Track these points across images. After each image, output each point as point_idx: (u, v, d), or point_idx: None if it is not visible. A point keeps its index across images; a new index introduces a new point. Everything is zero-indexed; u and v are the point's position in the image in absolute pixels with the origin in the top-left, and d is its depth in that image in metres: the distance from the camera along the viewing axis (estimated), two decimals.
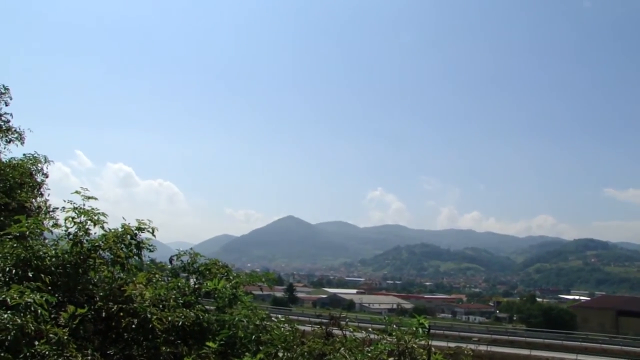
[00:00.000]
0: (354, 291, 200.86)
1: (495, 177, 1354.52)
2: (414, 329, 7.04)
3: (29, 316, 5.83)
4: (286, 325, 8.40)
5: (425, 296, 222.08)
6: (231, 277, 9.15)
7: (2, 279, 6.88)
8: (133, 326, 6.99)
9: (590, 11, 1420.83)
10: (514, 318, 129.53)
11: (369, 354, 6.86)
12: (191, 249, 10.12)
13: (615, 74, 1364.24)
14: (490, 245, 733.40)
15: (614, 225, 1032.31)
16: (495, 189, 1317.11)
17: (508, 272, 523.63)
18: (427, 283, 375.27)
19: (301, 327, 9.13)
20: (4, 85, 17.00)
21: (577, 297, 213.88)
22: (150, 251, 8.57)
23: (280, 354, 7.49)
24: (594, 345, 63.06)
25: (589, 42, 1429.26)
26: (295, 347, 7.56)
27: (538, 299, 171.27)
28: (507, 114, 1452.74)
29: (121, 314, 7.04)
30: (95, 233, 7.90)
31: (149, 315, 7.04)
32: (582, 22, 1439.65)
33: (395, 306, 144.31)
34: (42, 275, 6.91)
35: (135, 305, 7.14)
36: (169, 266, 10.02)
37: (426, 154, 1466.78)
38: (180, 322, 7.37)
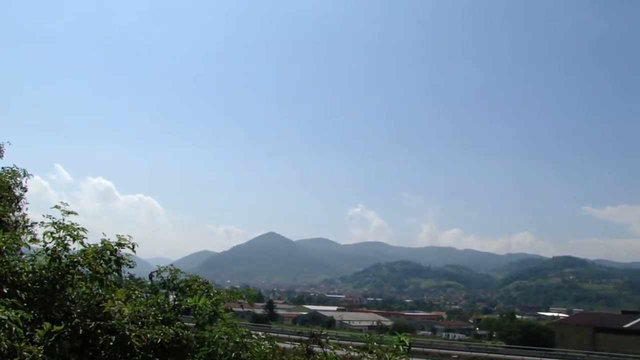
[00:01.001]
0: (334, 308, 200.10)
1: (475, 194, 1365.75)
2: (395, 346, 7.02)
3: (2, 334, 5.69)
4: (266, 342, 8.33)
5: (406, 313, 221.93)
6: (212, 294, 9.05)
7: None
8: (111, 343, 6.87)
9: (570, 32, 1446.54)
10: (494, 335, 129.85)
11: None
12: (171, 265, 10.00)
13: (593, 95, 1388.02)
14: (471, 263, 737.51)
15: (591, 243, 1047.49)
16: (475, 207, 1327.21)
17: (488, 289, 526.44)
18: (408, 300, 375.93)
19: (281, 345, 9.07)
20: None
21: (555, 314, 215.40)
22: (130, 267, 8.45)
23: None
24: None
25: (569, 63, 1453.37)
26: None
27: (517, 316, 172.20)
28: (488, 132, 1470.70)
29: (99, 331, 6.92)
30: (74, 248, 7.79)
31: (127, 332, 6.93)
32: (562, 42, 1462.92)
33: (375, 323, 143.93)
34: (18, 292, 6.78)
35: (113, 322, 7.03)
36: (149, 282, 9.89)
37: (407, 171, 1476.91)
38: (160, 339, 7.26)
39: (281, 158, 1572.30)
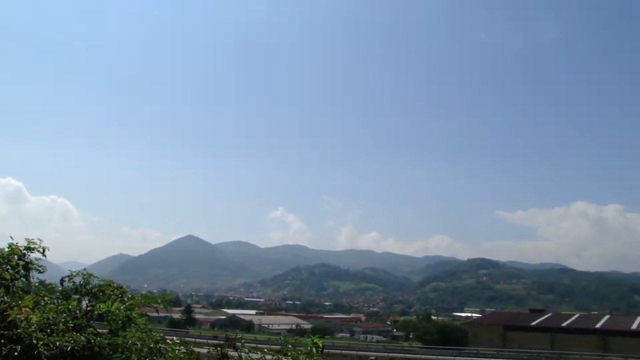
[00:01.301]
0: (254, 312, 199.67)
1: (394, 198, 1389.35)
2: (309, 348, 7.15)
3: None
4: (182, 347, 8.26)
5: (325, 316, 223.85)
6: (126, 299, 8.87)
7: None
8: (16, 354, 6.62)
9: (486, 44, 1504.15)
10: (410, 336, 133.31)
11: None
12: (84, 269, 9.72)
13: (505, 105, 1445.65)
14: (389, 265, 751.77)
15: (503, 245, 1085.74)
16: (394, 210, 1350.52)
17: (405, 291, 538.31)
18: (327, 303, 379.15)
19: (198, 349, 9.02)
20: None
21: (469, 314, 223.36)
22: (40, 272, 8.18)
23: None
24: (482, 359, 66.50)
25: (484, 72, 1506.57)
26: None
27: (433, 317, 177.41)
28: (405, 137, 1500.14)
29: (2, 340, 6.66)
30: None
31: (34, 341, 6.69)
32: (478, 53, 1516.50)
33: (294, 326, 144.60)
34: None
35: (19, 330, 6.78)
36: (60, 288, 9.59)
37: (327, 174, 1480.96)
38: (70, 347, 7.05)
39: (199, 160, 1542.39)
